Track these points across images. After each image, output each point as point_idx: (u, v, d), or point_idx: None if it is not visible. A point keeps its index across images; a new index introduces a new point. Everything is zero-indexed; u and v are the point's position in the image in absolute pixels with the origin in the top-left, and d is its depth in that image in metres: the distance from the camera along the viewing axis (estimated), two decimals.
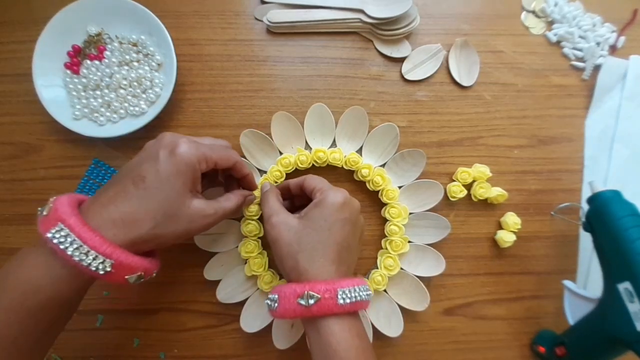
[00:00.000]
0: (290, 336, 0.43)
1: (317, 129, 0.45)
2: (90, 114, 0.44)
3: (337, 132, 0.45)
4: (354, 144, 0.45)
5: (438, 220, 0.45)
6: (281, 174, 0.43)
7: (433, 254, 0.45)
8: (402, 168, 0.45)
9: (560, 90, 0.49)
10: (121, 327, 0.45)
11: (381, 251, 0.45)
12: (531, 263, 0.48)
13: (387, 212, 0.44)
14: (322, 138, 0.45)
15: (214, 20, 0.47)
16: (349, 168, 0.44)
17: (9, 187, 0.45)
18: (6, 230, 0.45)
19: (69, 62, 0.44)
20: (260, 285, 0.43)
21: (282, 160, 0.43)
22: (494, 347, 0.47)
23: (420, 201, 0.45)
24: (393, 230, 0.44)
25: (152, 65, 0.45)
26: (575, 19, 0.49)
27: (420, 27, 0.48)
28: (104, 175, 0.45)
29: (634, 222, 0.37)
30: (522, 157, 0.48)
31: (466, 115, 0.48)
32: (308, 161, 0.44)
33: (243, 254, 0.43)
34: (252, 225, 0.43)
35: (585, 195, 0.45)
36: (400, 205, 0.44)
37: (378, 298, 0.44)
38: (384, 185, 0.44)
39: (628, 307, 0.36)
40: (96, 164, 0.45)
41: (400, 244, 0.44)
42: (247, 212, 0.42)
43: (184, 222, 0.33)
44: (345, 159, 0.44)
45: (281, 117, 0.44)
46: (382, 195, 0.44)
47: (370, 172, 0.44)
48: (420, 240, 0.45)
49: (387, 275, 0.43)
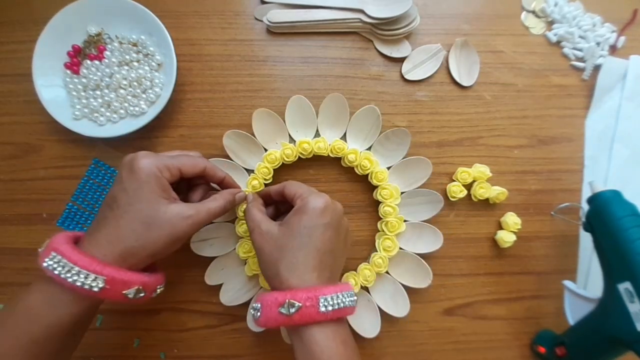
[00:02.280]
0: None
1: (299, 121, 0.45)
2: (90, 114, 0.44)
3: (319, 121, 0.45)
4: (337, 131, 0.45)
5: (430, 195, 0.45)
6: (269, 170, 0.43)
7: (430, 230, 0.45)
8: (388, 149, 0.45)
9: (560, 90, 0.49)
10: (121, 327, 0.45)
11: (378, 234, 0.45)
12: (531, 263, 0.48)
13: (379, 194, 0.44)
14: (304, 130, 0.45)
15: (214, 20, 0.47)
16: (335, 156, 0.44)
17: (9, 187, 0.45)
18: (6, 230, 0.45)
19: (69, 62, 0.44)
20: (263, 283, 0.43)
21: (268, 156, 0.43)
22: (494, 347, 0.47)
23: (410, 179, 0.45)
24: (387, 211, 0.44)
25: (152, 65, 0.45)
26: (575, 19, 0.49)
27: (420, 27, 0.48)
28: (103, 175, 0.45)
29: (634, 222, 0.37)
30: (522, 157, 0.48)
31: (466, 115, 0.48)
32: (294, 154, 0.43)
33: (241, 254, 0.43)
34: (246, 225, 0.41)
35: (585, 195, 0.45)
36: (391, 186, 0.44)
37: (381, 280, 0.45)
38: (372, 168, 0.44)
39: (628, 307, 0.36)
40: (96, 164, 0.45)
41: (396, 224, 0.44)
42: (240, 212, 0.42)
43: (166, 227, 0.33)
44: (330, 147, 0.44)
45: (261, 114, 0.44)
46: (371, 177, 0.44)
47: (357, 156, 0.44)
48: (416, 217, 0.45)
49: (387, 257, 0.44)
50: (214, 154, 0.45)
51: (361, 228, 0.47)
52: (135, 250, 0.33)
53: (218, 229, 0.44)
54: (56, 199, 0.45)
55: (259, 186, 0.43)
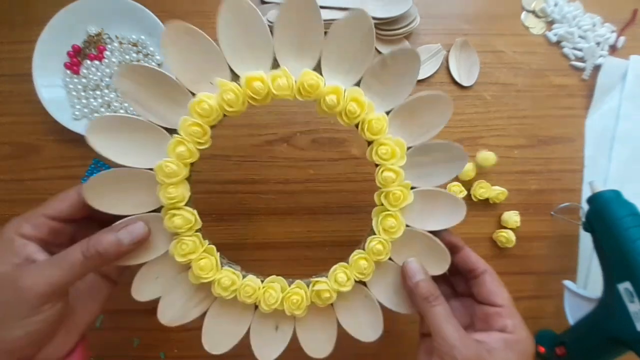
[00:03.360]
0: (275, 342, 0.34)
1: (243, 44, 0.28)
2: (90, 114, 0.44)
3: (277, 44, 0.29)
4: (306, 60, 0.29)
5: (449, 150, 0.31)
6: (203, 129, 0.29)
7: (446, 198, 0.32)
8: (387, 83, 0.30)
9: (560, 90, 0.49)
10: (121, 327, 0.45)
11: (376, 209, 0.32)
12: (531, 263, 0.48)
13: (375, 153, 0.30)
14: (253, 59, 0.29)
15: (214, 20, 0.47)
16: (306, 98, 0.29)
17: (9, 187, 0.45)
18: None
19: (69, 62, 0.44)
20: (218, 292, 0.31)
21: (197, 105, 0.28)
22: None
23: (419, 127, 0.31)
24: (388, 177, 0.30)
25: (152, 65, 0.45)
26: (575, 19, 0.49)
27: (420, 27, 0.48)
28: None
29: (634, 222, 0.37)
30: (522, 157, 0.48)
31: (466, 115, 0.48)
32: (239, 100, 0.28)
33: (179, 258, 0.30)
34: (178, 217, 0.30)
35: (585, 195, 0.45)
36: (393, 140, 0.30)
37: (382, 270, 0.33)
38: (363, 113, 0.29)
39: (628, 307, 0.36)
40: (96, 164, 0.45)
41: (401, 194, 0.31)
42: (166, 199, 0.29)
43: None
44: (298, 84, 0.29)
45: (179, 32, 0.28)
46: (363, 129, 0.30)
47: (339, 97, 0.29)
48: (428, 182, 0.32)
49: (388, 241, 0.32)
50: (214, 154, 0.45)
51: (361, 229, 0.47)
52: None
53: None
54: None
55: (188, 155, 0.29)
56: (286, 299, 0.32)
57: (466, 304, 0.34)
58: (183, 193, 0.29)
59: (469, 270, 0.33)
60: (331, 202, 0.47)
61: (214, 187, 0.45)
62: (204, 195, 0.46)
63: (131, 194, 0.30)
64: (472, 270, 0.33)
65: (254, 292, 0.32)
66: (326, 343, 0.34)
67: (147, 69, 0.28)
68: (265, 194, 0.46)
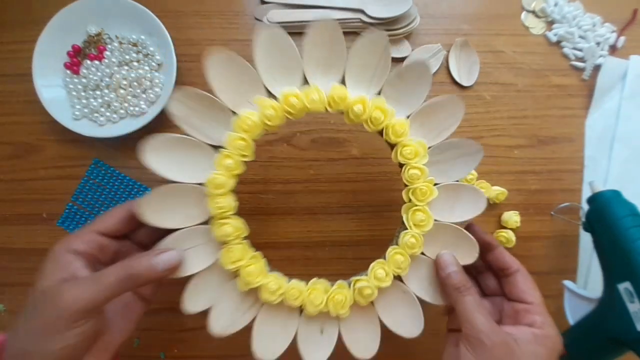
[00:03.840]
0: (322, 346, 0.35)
1: (276, 67, 0.32)
2: (90, 114, 0.44)
3: (305, 64, 0.33)
4: (332, 75, 0.33)
5: (465, 146, 0.34)
6: (247, 143, 0.32)
7: (467, 190, 0.35)
8: (404, 91, 0.34)
9: (560, 90, 0.49)
10: None
11: (405, 206, 0.35)
12: (531, 263, 0.47)
13: (400, 154, 0.34)
14: (285, 78, 0.33)
15: (214, 20, 0.47)
16: (335, 110, 0.33)
17: (9, 187, 0.45)
18: (6, 230, 0.45)
19: (69, 62, 0.44)
20: (266, 297, 0.33)
21: (241, 122, 0.31)
22: None
23: (436, 128, 0.34)
24: (414, 174, 0.33)
25: (152, 65, 0.45)
26: (575, 19, 0.49)
27: (420, 27, 0.48)
28: (103, 175, 0.45)
29: (634, 222, 0.37)
30: (522, 157, 0.48)
31: (466, 115, 0.47)
32: (278, 115, 0.32)
33: (228, 265, 0.32)
34: (228, 225, 0.32)
35: (585, 195, 0.45)
36: (415, 141, 0.33)
37: (416, 265, 0.35)
38: (387, 119, 0.33)
39: (628, 307, 0.36)
40: (96, 164, 0.45)
41: (427, 190, 0.34)
42: (215, 209, 0.32)
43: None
44: (328, 97, 0.32)
45: (221, 59, 0.31)
46: (387, 133, 0.33)
47: (365, 106, 0.32)
48: (448, 177, 0.35)
49: (420, 234, 0.34)
50: None
51: (361, 229, 0.47)
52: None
53: (190, 236, 0.33)
54: (56, 199, 0.45)
55: (234, 167, 0.32)
56: (330, 299, 0.34)
57: (496, 302, 0.35)
58: (230, 203, 0.32)
59: (502, 269, 0.34)
60: (331, 202, 0.47)
61: None
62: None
63: (180, 208, 0.32)
64: (506, 269, 0.34)
65: (299, 295, 0.33)
66: (371, 342, 0.35)
67: (198, 93, 0.31)
68: (265, 194, 0.46)
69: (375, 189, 0.47)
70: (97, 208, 0.46)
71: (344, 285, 0.35)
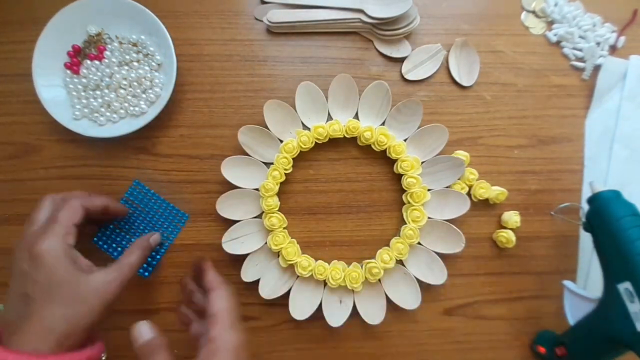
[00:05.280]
0: (340, 312, 0.44)
1: (309, 108, 0.45)
2: (90, 114, 0.44)
3: (330, 105, 0.45)
4: (349, 112, 0.46)
5: (450, 161, 0.45)
6: (288, 160, 0.44)
7: (455, 195, 0.45)
8: (402, 121, 0.46)
9: (560, 90, 0.49)
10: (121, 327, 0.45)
11: (405, 206, 0.46)
12: (531, 263, 0.48)
13: (400, 167, 0.45)
14: (316, 115, 0.45)
15: (214, 20, 0.47)
16: (350, 136, 0.45)
17: (9, 187, 0.45)
18: (6, 230, 0.45)
19: (69, 62, 0.44)
20: (299, 271, 0.44)
21: (285, 146, 0.44)
22: (494, 347, 0.47)
23: (427, 147, 0.45)
24: (410, 182, 0.44)
25: (152, 65, 0.45)
26: (575, 19, 0.49)
27: (420, 27, 0.48)
28: (142, 198, 0.45)
29: (634, 222, 0.37)
30: (522, 157, 0.48)
31: (466, 115, 0.48)
32: (310, 140, 0.44)
33: (273, 247, 0.44)
34: (274, 218, 0.44)
35: (585, 195, 0.45)
36: (411, 157, 0.45)
37: (414, 252, 0.45)
38: (389, 142, 0.44)
39: (628, 307, 0.36)
40: (136, 185, 0.45)
41: (421, 194, 0.44)
42: (266, 206, 0.43)
43: (94, 299, 0.33)
44: (345, 127, 0.45)
45: (272, 105, 0.44)
46: (390, 152, 0.45)
47: (373, 133, 0.44)
48: (439, 184, 0.45)
49: (417, 228, 0.44)
50: (214, 154, 0.46)
51: (361, 228, 0.47)
52: (69, 332, 0.32)
53: (247, 225, 0.45)
54: None
55: (279, 177, 0.44)
56: (347, 276, 0.44)
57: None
58: (276, 202, 0.44)
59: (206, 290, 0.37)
60: (331, 202, 0.47)
61: (215, 187, 0.45)
62: (204, 195, 0.46)
63: (242, 205, 0.45)
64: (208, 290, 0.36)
65: (324, 271, 0.44)
66: (379, 311, 0.45)
67: (256, 128, 0.44)
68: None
69: (375, 189, 0.47)
70: (132, 230, 0.45)
71: (358, 266, 0.45)
